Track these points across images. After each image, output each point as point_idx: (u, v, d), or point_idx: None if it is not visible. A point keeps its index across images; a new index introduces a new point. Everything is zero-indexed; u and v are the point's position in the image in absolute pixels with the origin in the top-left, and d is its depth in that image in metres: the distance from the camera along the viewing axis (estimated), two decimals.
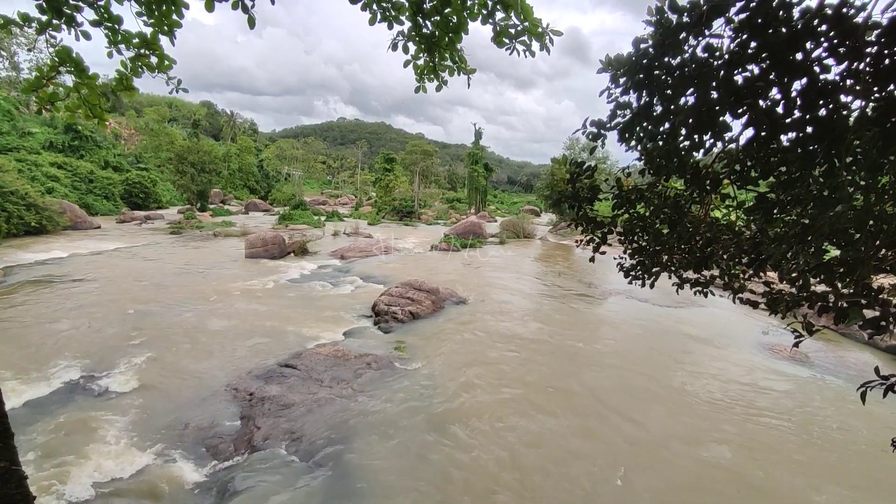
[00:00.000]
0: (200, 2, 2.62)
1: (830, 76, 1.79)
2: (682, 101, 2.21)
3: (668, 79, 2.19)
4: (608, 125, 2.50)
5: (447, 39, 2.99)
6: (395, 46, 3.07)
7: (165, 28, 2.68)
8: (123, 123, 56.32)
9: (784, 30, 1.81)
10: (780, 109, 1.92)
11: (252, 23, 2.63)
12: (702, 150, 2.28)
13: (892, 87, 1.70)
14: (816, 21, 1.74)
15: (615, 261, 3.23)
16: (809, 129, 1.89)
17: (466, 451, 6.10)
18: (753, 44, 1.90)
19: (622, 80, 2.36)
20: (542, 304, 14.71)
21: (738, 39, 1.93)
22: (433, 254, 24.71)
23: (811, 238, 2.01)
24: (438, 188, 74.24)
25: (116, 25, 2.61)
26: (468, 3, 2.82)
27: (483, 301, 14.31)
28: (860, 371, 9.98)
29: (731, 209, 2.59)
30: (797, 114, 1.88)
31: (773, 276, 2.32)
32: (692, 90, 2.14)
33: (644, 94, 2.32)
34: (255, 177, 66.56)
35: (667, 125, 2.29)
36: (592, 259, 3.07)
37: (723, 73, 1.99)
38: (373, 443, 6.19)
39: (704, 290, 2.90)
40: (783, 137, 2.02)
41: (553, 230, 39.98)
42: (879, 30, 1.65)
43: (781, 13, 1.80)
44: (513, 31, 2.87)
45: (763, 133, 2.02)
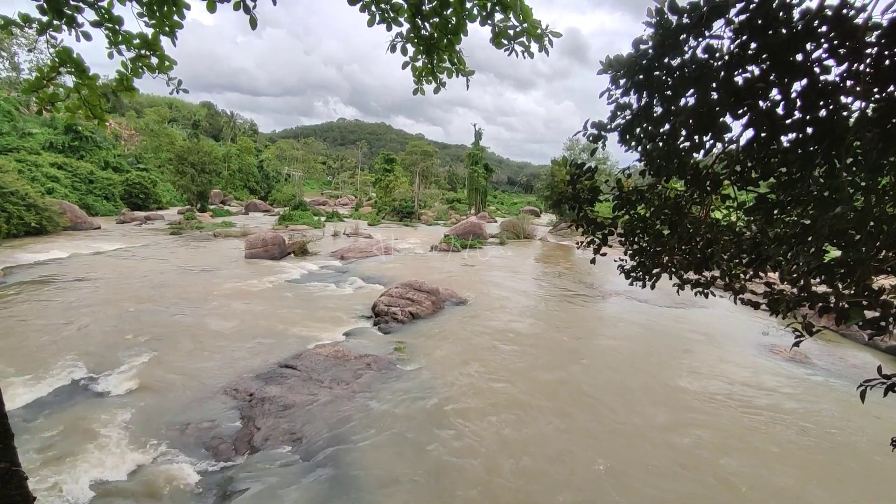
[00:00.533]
0: (202, 2, 2.62)
1: (830, 77, 1.79)
2: (683, 102, 2.21)
3: (669, 80, 2.19)
4: (608, 126, 2.50)
5: (446, 41, 2.99)
6: (394, 48, 3.06)
7: (166, 29, 2.69)
8: (123, 124, 56.29)
9: (784, 31, 1.81)
10: (781, 110, 1.92)
11: (254, 23, 2.63)
12: (702, 151, 2.28)
13: (893, 88, 1.70)
14: (816, 22, 1.74)
15: (616, 262, 3.23)
16: (810, 130, 1.89)
17: (466, 452, 6.09)
18: (754, 45, 1.90)
19: (622, 82, 2.35)
20: (543, 305, 14.70)
21: (739, 40, 1.93)
22: (433, 254, 24.71)
23: (811, 239, 2.01)
24: (438, 189, 74.28)
25: (117, 26, 2.61)
26: (467, 5, 2.81)
27: (483, 302, 14.30)
28: (860, 371, 9.97)
29: (732, 210, 2.59)
30: (797, 115, 1.88)
31: (774, 277, 2.32)
32: (692, 91, 2.14)
33: (644, 95, 2.32)
34: (256, 177, 66.54)
35: (667, 126, 2.29)
36: (593, 261, 3.06)
37: (723, 74, 1.98)
38: (373, 443, 6.18)
39: (705, 291, 2.90)
40: (783, 138, 2.01)
41: (553, 231, 39.98)
42: (879, 31, 1.65)
43: (782, 14, 1.80)
44: (511, 33, 2.87)
45: (763, 134, 2.02)
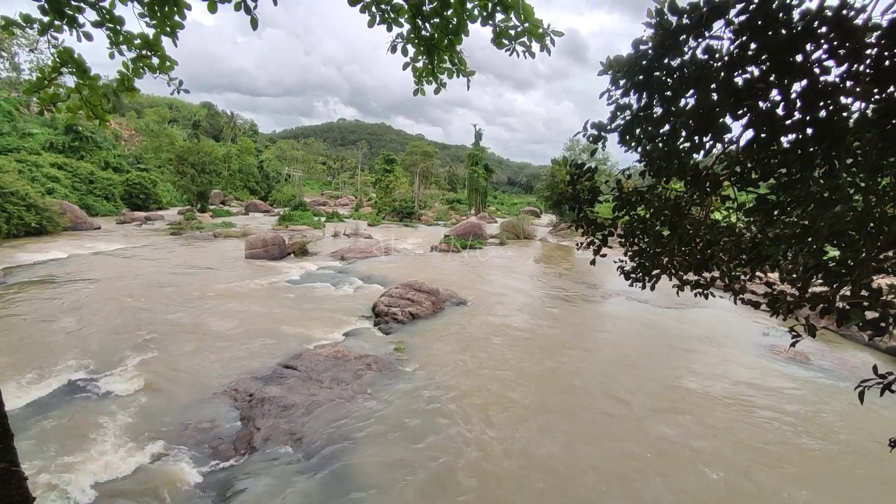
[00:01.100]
0: (202, 3, 2.62)
1: (830, 78, 1.79)
2: (682, 103, 2.21)
3: (668, 80, 2.19)
4: (608, 127, 2.50)
5: (446, 42, 2.99)
6: (395, 49, 3.06)
7: (167, 29, 2.69)
8: (124, 124, 56.35)
9: (784, 31, 1.81)
10: (780, 111, 1.92)
11: (255, 24, 2.63)
12: (702, 152, 2.28)
13: (892, 89, 1.70)
14: (816, 23, 1.74)
15: (615, 263, 3.22)
16: (809, 131, 1.89)
17: (465, 451, 6.09)
18: (753, 45, 1.90)
19: (622, 82, 2.35)
20: (542, 306, 14.69)
21: (738, 41, 1.93)
22: (433, 255, 24.70)
23: (811, 239, 2.01)
24: (438, 189, 74.27)
25: (118, 26, 2.61)
26: (468, 5, 2.81)
27: (483, 302, 14.30)
28: (859, 371, 9.96)
29: (732, 211, 2.59)
30: (797, 115, 1.88)
31: (775, 278, 2.32)
32: (692, 92, 2.14)
33: (644, 96, 2.32)
34: (256, 178, 66.56)
35: (667, 127, 2.29)
36: (593, 261, 3.06)
37: (723, 75, 1.99)
38: (372, 443, 6.18)
39: (705, 292, 2.90)
40: (783, 139, 2.02)
41: (553, 231, 39.97)
42: (879, 31, 1.66)
43: (781, 15, 1.80)
44: (513, 33, 2.87)
45: (763, 134, 2.02)
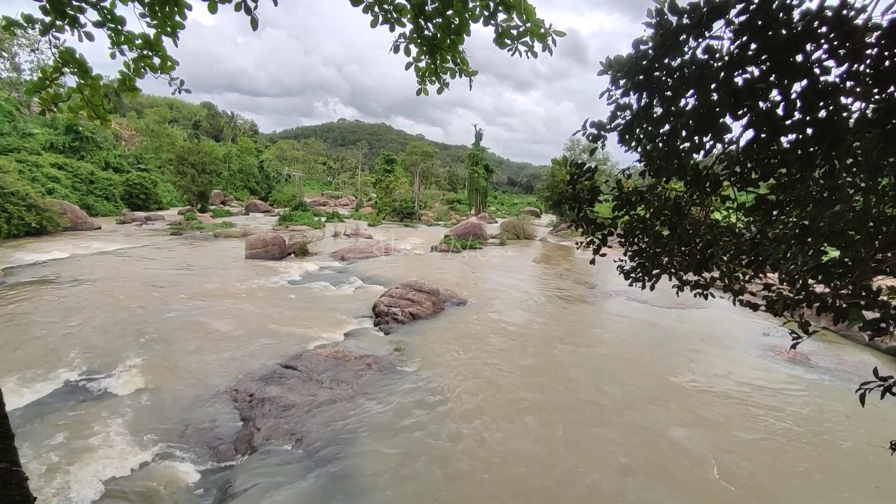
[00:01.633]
0: (203, 3, 2.63)
1: (830, 78, 1.79)
2: (683, 103, 2.21)
3: (669, 80, 2.19)
4: (608, 127, 2.50)
5: (449, 41, 2.99)
6: (397, 49, 3.07)
7: (168, 29, 2.69)
8: (124, 124, 56.38)
9: (784, 32, 1.81)
10: (780, 111, 1.92)
11: (255, 24, 2.63)
12: (702, 152, 2.28)
13: (892, 89, 1.70)
14: (816, 23, 1.74)
15: (615, 263, 3.23)
16: (809, 131, 1.89)
17: (465, 452, 6.09)
18: (753, 45, 1.90)
19: (622, 82, 2.35)
20: (542, 306, 14.70)
21: (739, 41, 1.93)
22: (433, 255, 24.71)
23: (811, 239, 2.01)
24: (439, 189, 74.23)
25: (119, 26, 2.62)
26: (470, 5, 2.82)
27: (483, 302, 14.30)
28: (859, 372, 9.96)
29: (732, 211, 2.59)
30: (797, 115, 1.88)
31: (774, 278, 2.32)
32: (692, 92, 2.14)
33: (644, 96, 2.32)
34: (256, 178, 66.58)
35: (667, 126, 2.29)
36: (593, 261, 3.06)
37: (723, 75, 1.99)
38: (373, 443, 6.18)
39: (705, 292, 2.90)
40: (783, 139, 2.02)
41: (553, 231, 39.97)
42: (879, 31, 1.66)
43: (782, 15, 1.80)
44: (515, 33, 2.87)
45: (763, 135, 2.02)
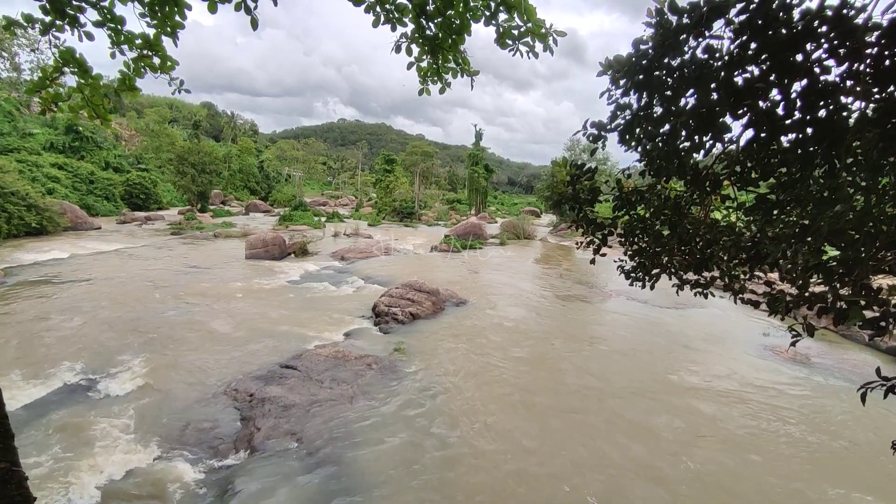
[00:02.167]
0: (202, 3, 2.63)
1: (830, 77, 1.79)
2: (683, 103, 2.21)
3: (669, 80, 2.19)
4: (608, 126, 2.50)
5: (450, 41, 3.00)
6: (399, 49, 3.07)
7: (168, 29, 2.69)
8: (124, 124, 56.37)
9: (784, 31, 1.81)
10: (780, 110, 1.92)
11: (255, 24, 2.64)
12: (702, 152, 2.28)
13: (893, 89, 1.70)
14: (817, 22, 1.74)
15: (615, 263, 3.23)
16: (809, 131, 1.89)
17: (465, 452, 6.09)
18: (754, 45, 1.90)
19: (622, 82, 2.35)
20: (542, 306, 14.70)
21: (739, 41, 1.93)
22: (434, 255, 24.71)
23: (811, 238, 2.01)
24: (439, 189, 74.21)
25: (119, 26, 2.62)
26: (471, 5, 2.82)
27: (483, 302, 14.30)
28: (859, 371, 9.96)
29: (732, 210, 2.59)
30: (797, 115, 1.88)
31: (774, 277, 2.32)
32: (692, 91, 2.14)
33: (644, 96, 2.32)
34: (256, 178, 66.58)
35: (667, 126, 2.29)
36: (593, 261, 3.06)
37: (723, 75, 1.99)
38: (373, 443, 6.18)
39: (705, 292, 2.90)
40: (783, 138, 2.02)
41: (553, 231, 39.97)
42: (879, 31, 1.66)
43: (782, 14, 1.80)
44: (516, 33, 2.88)
45: (763, 134, 2.02)
